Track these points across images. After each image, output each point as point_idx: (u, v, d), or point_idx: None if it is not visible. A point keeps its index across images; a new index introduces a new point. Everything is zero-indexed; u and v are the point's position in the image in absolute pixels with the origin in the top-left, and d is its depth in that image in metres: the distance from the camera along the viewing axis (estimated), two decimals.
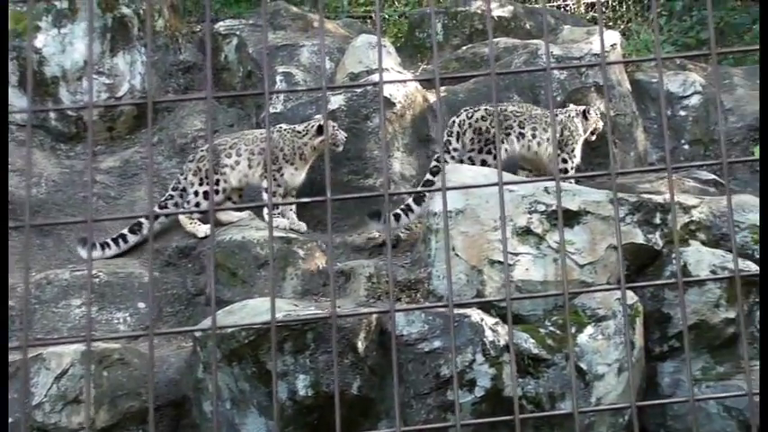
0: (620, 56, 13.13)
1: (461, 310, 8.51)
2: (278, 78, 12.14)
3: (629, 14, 18.07)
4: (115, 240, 10.50)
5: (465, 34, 14.54)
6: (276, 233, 10.07)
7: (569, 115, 11.52)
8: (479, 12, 14.58)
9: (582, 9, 18.28)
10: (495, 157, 10.89)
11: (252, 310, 8.42)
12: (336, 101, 11.56)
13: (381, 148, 11.32)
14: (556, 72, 12.51)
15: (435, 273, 9.35)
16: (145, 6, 12.74)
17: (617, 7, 18.20)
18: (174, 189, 10.99)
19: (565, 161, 11.30)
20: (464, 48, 13.96)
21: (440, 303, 8.66)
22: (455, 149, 11.11)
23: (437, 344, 8.41)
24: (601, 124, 11.72)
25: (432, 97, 12.19)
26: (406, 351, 8.37)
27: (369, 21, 16.41)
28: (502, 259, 9.09)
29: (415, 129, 11.96)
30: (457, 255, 9.20)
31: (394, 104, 11.66)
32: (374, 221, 10.30)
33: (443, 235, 9.07)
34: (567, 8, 18.14)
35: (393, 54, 12.85)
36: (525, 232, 9.38)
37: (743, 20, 17.01)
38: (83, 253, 10.10)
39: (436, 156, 11.38)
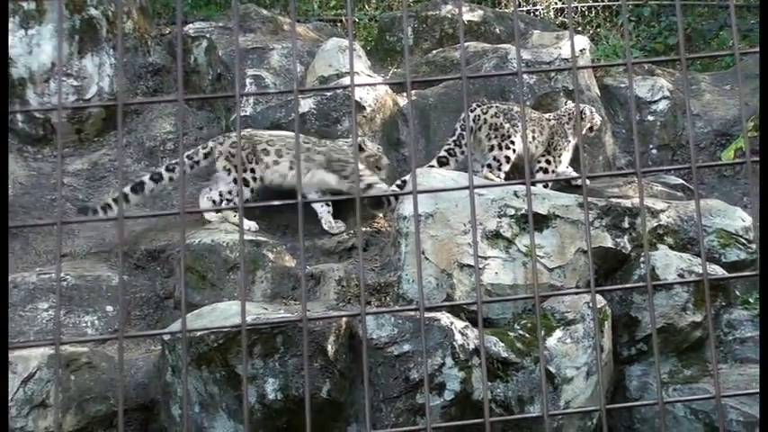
0: (589, 61, 13.20)
1: (431, 314, 8.51)
2: (248, 81, 12.11)
3: (597, 20, 18.15)
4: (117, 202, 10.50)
5: (435, 38, 14.57)
6: (246, 236, 10.04)
7: (560, 121, 11.55)
8: (450, 16, 14.62)
9: (551, 14, 18.34)
10: (514, 151, 11.00)
11: (221, 314, 8.39)
12: (307, 104, 11.55)
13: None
14: (525, 76, 12.55)
15: (405, 276, 9.35)
16: (113, 8, 12.68)
17: (586, 12, 18.27)
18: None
19: (549, 162, 11.32)
20: (434, 52, 14.00)
21: (410, 307, 8.66)
22: (467, 144, 11.10)
23: (407, 347, 8.40)
24: (597, 120, 11.82)
25: (402, 101, 12.20)
26: (375, 355, 8.37)
27: (339, 24, 16.39)
28: (472, 263, 9.11)
29: (385, 132, 11.96)
30: (427, 258, 9.20)
31: (364, 108, 11.66)
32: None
33: (413, 238, 9.08)
34: (537, 13, 18.19)
35: (363, 57, 12.86)
36: (495, 236, 9.40)
37: (710, 26, 17.16)
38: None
39: (445, 149, 11.31)
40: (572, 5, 17.78)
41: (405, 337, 8.44)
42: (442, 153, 11.22)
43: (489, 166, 11.07)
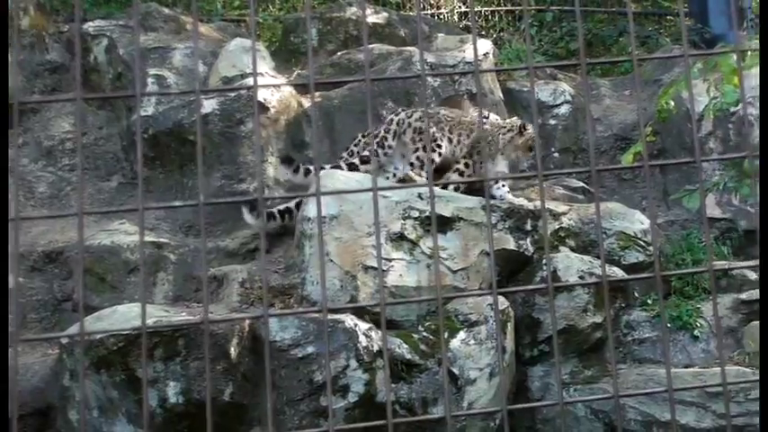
0: (492, 64, 13.30)
1: (335, 316, 8.50)
2: (149, 81, 11.93)
3: (501, 24, 18.30)
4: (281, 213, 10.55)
5: (340, 40, 14.53)
6: (146, 238, 9.92)
7: (504, 130, 11.47)
8: (354, 18, 14.60)
9: (455, 18, 18.45)
10: (440, 155, 10.91)
11: (121, 316, 8.27)
12: (210, 105, 11.43)
13: (255, 153, 11.25)
14: (430, 79, 12.59)
15: (309, 278, 9.32)
16: (10, 4, 12.41)
17: (489, 17, 18.41)
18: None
19: (467, 166, 11.19)
20: (339, 53, 13.96)
21: (313, 309, 8.64)
22: (389, 146, 11.00)
23: (311, 349, 8.38)
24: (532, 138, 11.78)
25: (306, 102, 12.15)
26: (279, 357, 8.32)
27: (243, 24, 16.26)
28: (376, 265, 9.12)
29: (289, 134, 11.90)
30: (331, 260, 9.19)
31: (268, 109, 11.58)
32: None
33: (317, 240, 9.06)
34: (441, 16, 18.28)
35: (267, 58, 12.77)
36: (399, 238, 9.42)
37: (610, 32, 17.41)
38: (249, 218, 10.18)
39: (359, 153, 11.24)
40: (475, 10, 17.91)
41: (309, 340, 8.41)
42: (365, 153, 11.13)
43: (412, 164, 11.03)
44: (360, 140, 11.29)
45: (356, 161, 10.81)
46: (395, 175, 10.90)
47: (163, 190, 11.35)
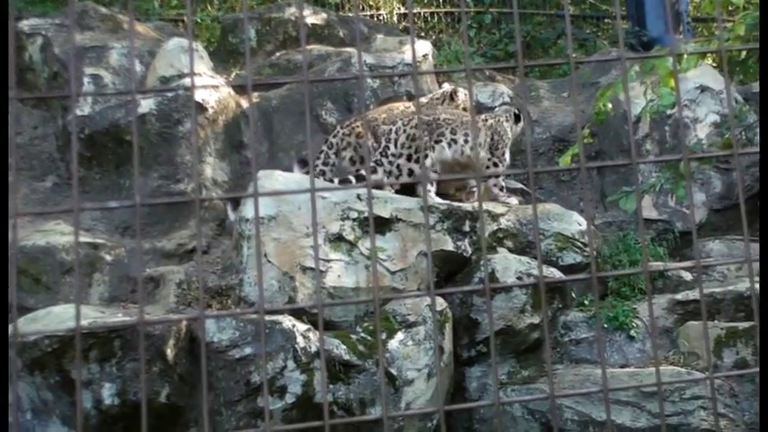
0: (431, 66, 13.34)
1: (273, 317, 8.47)
2: (86, 80, 11.80)
3: (440, 26, 18.36)
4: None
5: (279, 41, 14.49)
6: (82, 238, 9.82)
7: (498, 119, 11.51)
8: (293, 18, 14.57)
9: (394, 19, 18.47)
10: (420, 167, 10.86)
11: (56, 318, 8.17)
12: (147, 104, 11.33)
13: (193, 153, 11.18)
14: (369, 80, 12.61)
15: (247, 279, 9.27)
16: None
17: (428, 18, 18.46)
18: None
19: (496, 165, 11.17)
20: (278, 54, 13.93)
21: (250, 310, 8.60)
22: (393, 155, 10.95)
23: (248, 351, 8.34)
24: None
25: (245, 103, 12.10)
26: (216, 358, 8.28)
27: (181, 24, 16.15)
28: (314, 266, 9.10)
29: (227, 134, 11.83)
30: (269, 261, 9.15)
31: (206, 109, 11.51)
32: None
33: (255, 241, 9.00)
34: (380, 18, 18.30)
35: (205, 58, 12.68)
36: (338, 239, 9.42)
37: (548, 34, 17.56)
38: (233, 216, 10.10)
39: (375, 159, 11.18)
40: (414, 11, 17.95)
41: (246, 341, 8.37)
42: (372, 163, 11.10)
43: (389, 172, 10.99)
44: (324, 151, 11.30)
45: (363, 173, 10.81)
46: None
47: (99, 190, 11.23)
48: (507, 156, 11.27)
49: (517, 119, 11.50)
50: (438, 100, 11.89)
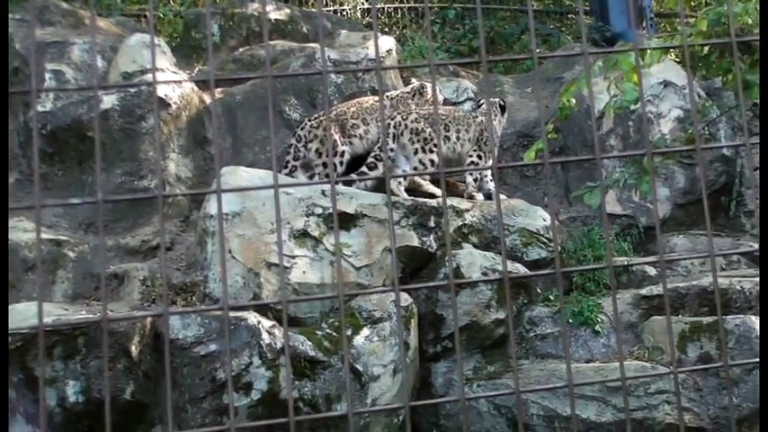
0: (395, 61, 13.31)
1: (238, 313, 8.43)
2: (47, 76, 11.69)
3: (404, 21, 18.35)
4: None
5: (242, 36, 14.44)
6: (44, 235, 9.74)
7: (408, 96, 11.48)
8: (256, 14, 14.51)
9: (358, 14, 18.44)
10: (437, 155, 10.87)
11: (19, 315, 8.09)
12: (109, 100, 11.24)
13: (156, 149, 11.11)
14: (333, 76, 12.58)
15: (212, 275, 9.24)
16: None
17: (392, 14, 18.45)
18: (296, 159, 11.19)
19: (480, 158, 11.18)
20: (241, 49, 13.87)
21: (214, 306, 8.56)
22: (391, 149, 10.91)
23: (213, 347, 8.30)
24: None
25: (208, 98, 12.04)
26: (181, 355, 8.24)
27: (143, 19, 16.04)
28: (279, 262, 9.08)
29: (191, 130, 11.77)
30: (234, 257, 9.12)
31: (169, 105, 11.44)
32: None
33: (219, 237, 8.97)
34: (344, 13, 18.26)
35: (168, 54, 12.60)
36: (302, 235, 9.39)
37: (512, 30, 17.57)
38: None
39: (374, 154, 11.11)
40: (378, 6, 17.93)
41: (211, 337, 8.34)
42: (370, 159, 11.06)
43: (416, 169, 10.98)
44: (293, 145, 11.30)
45: (364, 169, 10.78)
46: (405, 179, 10.79)
47: (61, 187, 11.14)
48: (495, 151, 11.31)
49: (503, 110, 11.62)
50: (409, 94, 11.93)
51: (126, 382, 8.11)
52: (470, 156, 11.17)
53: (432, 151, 10.91)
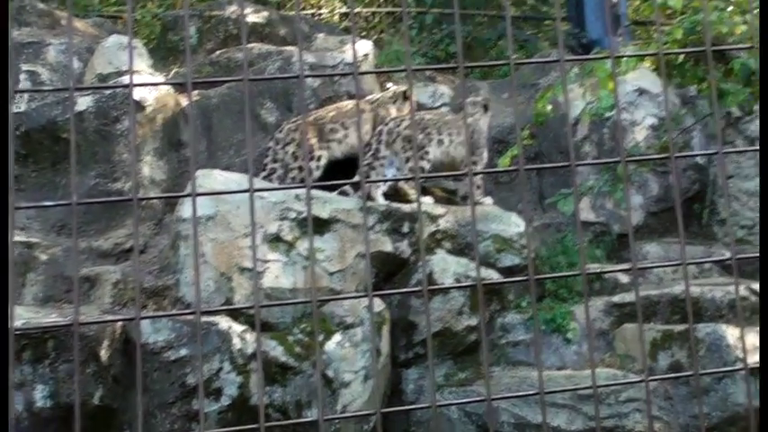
0: (372, 66, 13.31)
1: (209, 318, 8.41)
2: (22, 77, 11.64)
3: (381, 25, 18.35)
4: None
5: (219, 39, 14.39)
6: (16, 237, 9.67)
7: (474, 117, 11.48)
8: (234, 16, 14.47)
9: (336, 18, 18.43)
10: (429, 162, 10.85)
11: None
12: (84, 102, 11.19)
13: (131, 152, 11.07)
14: (309, 80, 12.56)
15: (184, 279, 9.20)
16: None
17: (370, 18, 18.45)
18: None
19: (475, 163, 11.16)
20: (218, 52, 13.82)
21: (186, 311, 8.53)
22: (383, 156, 10.90)
23: (184, 352, 8.27)
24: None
25: (184, 101, 12.00)
26: (151, 359, 8.20)
27: (120, 21, 15.99)
28: (251, 266, 9.05)
29: (166, 133, 11.72)
30: (206, 261, 9.09)
31: (145, 107, 11.39)
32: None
33: (192, 241, 8.93)
34: (322, 17, 18.25)
35: (145, 56, 12.56)
36: (276, 239, 9.37)
37: (489, 35, 17.59)
38: None
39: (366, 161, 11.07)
40: (355, 10, 17.93)
41: (182, 342, 8.31)
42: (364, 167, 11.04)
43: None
44: (271, 148, 11.28)
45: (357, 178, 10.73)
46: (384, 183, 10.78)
47: (35, 188, 11.07)
48: (485, 153, 11.33)
49: (485, 109, 11.61)
50: (390, 99, 11.89)
51: (95, 387, 8.06)
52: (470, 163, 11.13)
53: (422, 158, 10.91)
